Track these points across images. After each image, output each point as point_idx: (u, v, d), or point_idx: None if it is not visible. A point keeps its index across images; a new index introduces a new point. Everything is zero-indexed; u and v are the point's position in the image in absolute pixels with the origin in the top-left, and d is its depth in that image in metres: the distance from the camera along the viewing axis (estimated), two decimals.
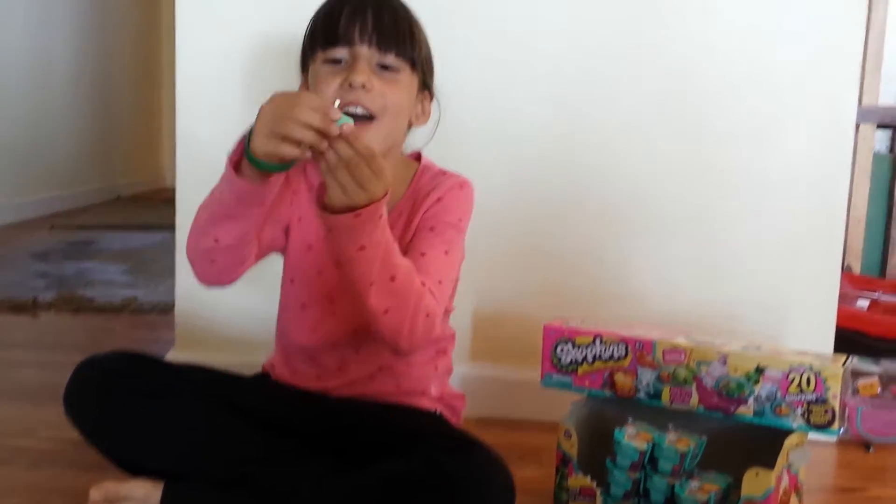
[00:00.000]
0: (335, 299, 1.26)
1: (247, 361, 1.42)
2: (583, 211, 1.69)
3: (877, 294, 2.21)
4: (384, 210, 1.05)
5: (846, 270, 2.31)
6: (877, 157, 2.39)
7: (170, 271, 1.74)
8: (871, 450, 1.64)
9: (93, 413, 1.20)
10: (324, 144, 0.99)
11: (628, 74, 1.65)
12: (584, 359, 1.30)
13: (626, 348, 1.27)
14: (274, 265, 1.35)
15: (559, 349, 1.32)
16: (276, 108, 1.01)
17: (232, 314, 1.72)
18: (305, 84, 1.26)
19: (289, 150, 1.01)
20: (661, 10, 1.63)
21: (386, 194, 1.04)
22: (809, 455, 1.21)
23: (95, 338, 2.19)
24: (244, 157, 1.05)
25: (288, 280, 1.31)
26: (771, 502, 1.13)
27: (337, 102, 1.08)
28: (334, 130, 0.99)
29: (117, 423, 1.19)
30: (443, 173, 1.29)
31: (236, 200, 1.10)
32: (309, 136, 0.99)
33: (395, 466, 1.08)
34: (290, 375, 1.31)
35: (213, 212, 1.13)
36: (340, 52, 1.18)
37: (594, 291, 1.69)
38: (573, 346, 1.31)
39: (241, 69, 1.67)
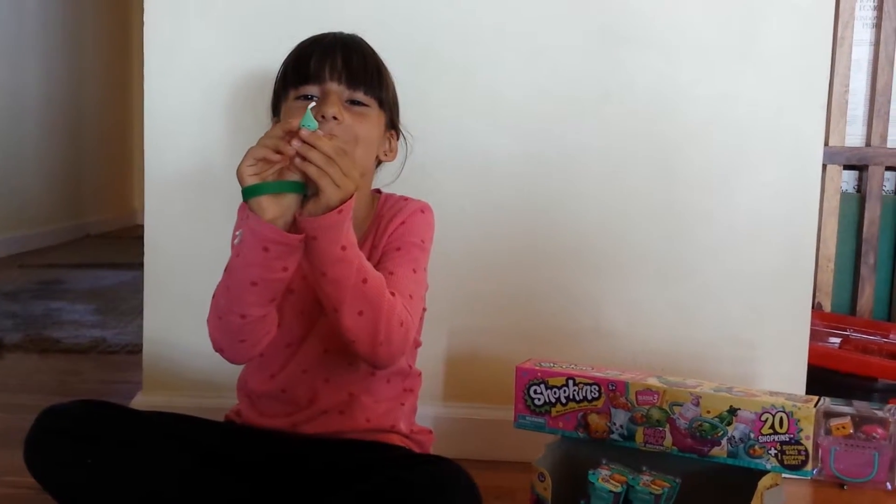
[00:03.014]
0: (314, 322, 1.26)
1: (215, 404, 1.40)
2: (554, 251, 1.69)
3: (848, 331, 2.23)
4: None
5: (817, 308, 2.33)
6: (845, 196, 2.42)
7: (139, 310, 1.72)
8: (845, 487, 1.64)
9: (53, 464, 1.17)
10: (297, 145, 1.04)
11: (597, 115, 1.66)
12: (558, 400, 1.30)
13: (599, 389, 1.27)
14: None
15: (532, 391, 1.31)
16: (250, 149, 1.07)
17: (200, 356, 1.69)
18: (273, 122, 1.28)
19: (273, 157, 1.06)
20: (629, 51, 1.65)
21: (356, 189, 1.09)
22: (784, 498, 1.21)
23: (62, 380, 2.15)
24: (250, 201, 1.07)
25: None
26: None
27: (310, 106, 1.10)
28: (296, 126, 1.05)
29: (77, 475, 1.16)
30: (404, 199, 1.33)
31: (262, 256, 1.09)
32: (282, 145, 1.05)
33: (359, 488, 1.08)
34: (258, 418, 1.30)
35: (236, 285, 1.13)
36: (311, 89, 1.22)
37: (566, 331, 1.69)
38: (546, 387, 1.30)
39: (211, 107, 1.67)
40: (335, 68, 1.21)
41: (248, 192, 1.06)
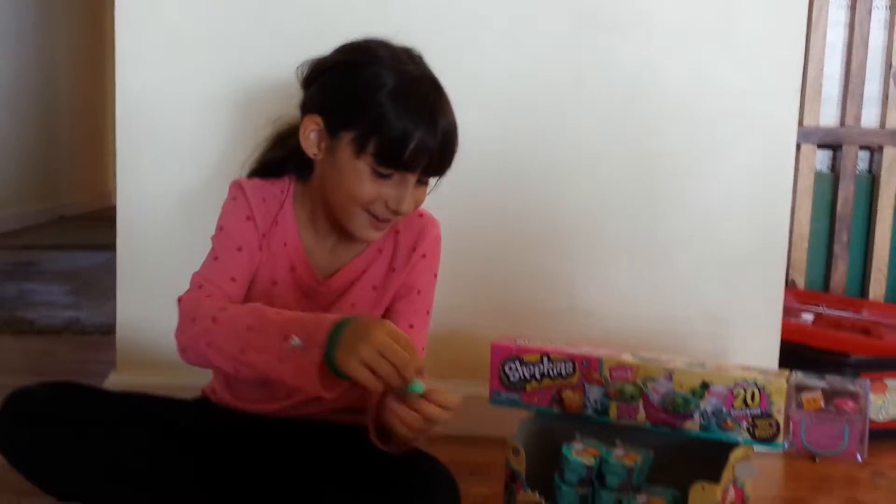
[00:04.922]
0: None
1: (188, 383, 1.39)
2: (530, 231, 1.69)
3: (821, 308, 2.25)
4: None
5: (790, 286, 2.35)
6: (819, 175, 2.44)
7: (113, 291, 1.71)
8: (816, 460, 1.66)
9: (23, 444, 1.16)
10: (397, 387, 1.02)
11: (573, 97, 1.66)
12: (532, 376, 1.30)
13: (574, 366, 1.27)
14: None
15: (507, 367, 1.31)
16: (370, 339, 1.01)
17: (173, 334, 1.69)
18: (313, 122, 1.19)
19: (369, 380, 1.01)
20: (605, 33, 1.65)
21: None
22: (755, 470, 1.22)
23: (35, 360, 2.13)
24: (323, 349, 1.02)
25: None
26: None
27: (421, 388, 1.06)
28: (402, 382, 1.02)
29: (48, 455, 1.16)
30: (419, 214, 1.31)
31: (286, 374, 1.05)
32: (394, 381, 1.02)
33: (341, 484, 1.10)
34: (233, 399, 1.29)
35: (257, 360, 1.06)
36: (394, 173, 1.16)
37: (542, 310, 1.70)
38: (521, 363, 1.31)
39: (184, 88, 1.65)
40: (425, 165, 1.15)
41: (330, 364, 1.03)
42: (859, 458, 1.18)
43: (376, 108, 1.13)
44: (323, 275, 1.27)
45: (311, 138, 1.19)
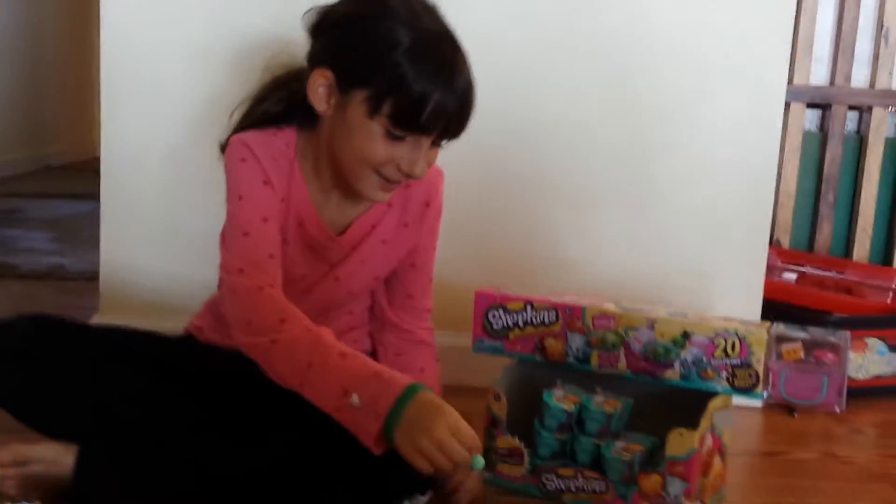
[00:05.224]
0: (309, 289, 1.24)
1: (171, 327, 1.38)
2: (516, 182, 1.69)
3: (805, 268, 2.26)
4: None
5: (775, 245, 2.35)
6: (807, 135, 2.43)
7: (98, 239, 1.70)
8: (794, 415, 1.68)
9: (3, 377, 1.16)
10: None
11: (560, 48, 1.65)
12: (516, 324, 1.30)
13: (557, 314, 1.27)
14: (200, 233, 1.32)
15: (490, 315, 1.32)
16: (432, 434, 1.02)
17: (157, 280, 1.69)
18: (322, 77, 1.14)
19: (424, 467, 1.03)
20: None
21: None
22: (733, 418, 1.23)
23: (18, 305, 2.12)
24: (383, 422, 1.03)
25: None
26: (694, 463, 1.14)
27: (481, 464, 1.07)
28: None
29: (30, 394, 1.15)
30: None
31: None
32: (450, 471, 1.06)
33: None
34: (223, 339, 1.28)
35: (315, 398, 1.07)
36: (409, 136, 1.12)
37: (525, 262, 1.70)
38: (504, 311, 1.31)
39: (169, 36, 1.64)
40: (446, 132, 1.13)
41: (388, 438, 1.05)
42: (837, 409, 1.19)
43: (393, 69, 1.08)
44: (333, 230, 1.24)
45: (319, 93, 1.14)
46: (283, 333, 1.08)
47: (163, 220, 1.69)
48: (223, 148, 1.23)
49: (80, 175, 4.71)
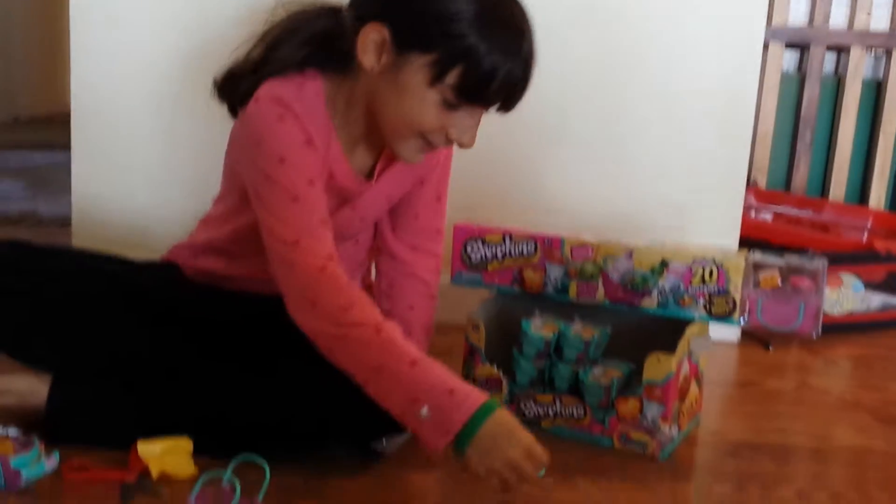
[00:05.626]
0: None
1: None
2: (495, 121, 1.66)
3: (781, 208, 2.27)
4: None
5: (753, 185, 2.36)
6: (785, 75, 2.43)
7: (70, 187, 1.69)
8: (770, 349, 1.69)
9: None
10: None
11: None
12: (494, 256, 1.30)
13: (535, 246, 1.27)
14: (170, 170, 1.29)
15: (469, 248, 1.31)
16: (506, 457, 0.98)
17: (130, 219, 1.68)
18: (375, 31, 1.04)
19: (493, 484, 1.00)
20: None
21: None
22: (710, 344, 1.24)
23: None
24: (453, 439, 0.99)
25: None
26: (671, 387, 1.15)
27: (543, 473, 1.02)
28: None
29: (6, 322, 1.13)
30: None
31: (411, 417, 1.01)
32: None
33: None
34: (226, 270, 1.24)
35: (382, 400, 1.03)
36: (471, 107, 1.07)
37: (506, 199, 1.69)
38: (483, 243, 1.30)
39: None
40: (507, 103, 1.08)
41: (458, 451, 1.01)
42: (814, 335, 1.19)
43: (460, 39, 1.01)
44: (361, 176, 1.19)
45: (370, 49, 1.05)
46: (352, 329, 1.02)
47: (132, 160, 1.68)
48: (218, 85, 1.15)
49: (50, 127, 4.62)
